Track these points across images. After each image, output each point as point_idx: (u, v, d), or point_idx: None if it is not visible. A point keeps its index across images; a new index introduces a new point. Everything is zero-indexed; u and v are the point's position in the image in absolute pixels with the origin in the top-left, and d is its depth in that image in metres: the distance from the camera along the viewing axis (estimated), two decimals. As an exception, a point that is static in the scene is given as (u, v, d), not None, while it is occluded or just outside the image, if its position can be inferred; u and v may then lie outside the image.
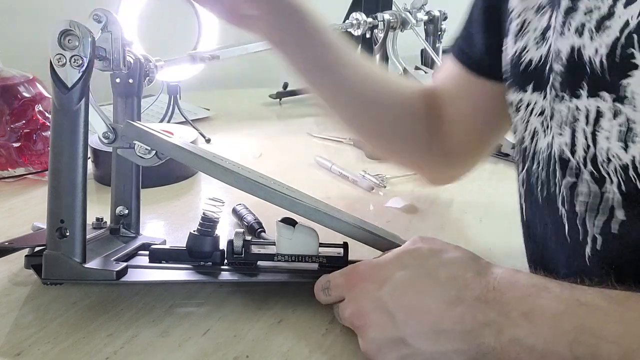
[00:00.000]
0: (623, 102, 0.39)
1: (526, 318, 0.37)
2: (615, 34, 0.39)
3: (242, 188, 0.51)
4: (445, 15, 1.11)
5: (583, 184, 0.44)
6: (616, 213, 0.41)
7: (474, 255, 0.45)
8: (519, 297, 0.39)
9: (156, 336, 0.48)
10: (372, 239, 0.53)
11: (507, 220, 0.73)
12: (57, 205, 0.48)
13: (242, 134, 1.09)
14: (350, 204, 0.77)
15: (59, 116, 0.47)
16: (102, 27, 0.49)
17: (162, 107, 1.09)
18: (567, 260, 0.47)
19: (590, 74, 0.41)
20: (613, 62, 0.39)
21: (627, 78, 0.38)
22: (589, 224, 0.44)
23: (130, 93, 0.58)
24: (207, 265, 0.53)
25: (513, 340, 0.37)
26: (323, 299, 0.49)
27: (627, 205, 0.41)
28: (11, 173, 0.81)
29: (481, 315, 0.39)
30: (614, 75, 0.39)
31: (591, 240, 0.44)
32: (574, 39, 0.42)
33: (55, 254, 0.48)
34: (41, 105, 0.82)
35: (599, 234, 0.43)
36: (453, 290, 0.41)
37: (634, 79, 0.38)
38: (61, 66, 0.46)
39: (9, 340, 0.47)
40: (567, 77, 0.44)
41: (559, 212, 0.46)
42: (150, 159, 0.52)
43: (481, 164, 0.91)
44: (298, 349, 0.47)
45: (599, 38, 0.40)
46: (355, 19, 1.01)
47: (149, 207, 0.74)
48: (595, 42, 0.40)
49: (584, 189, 0.44)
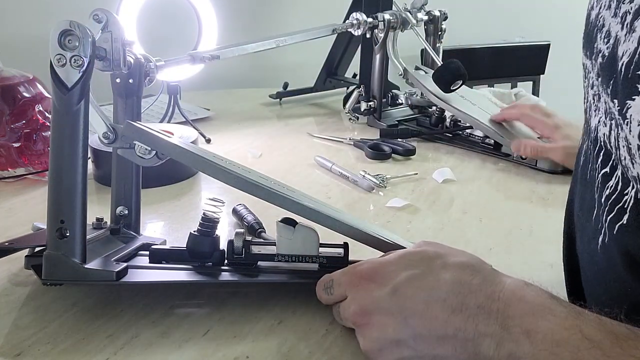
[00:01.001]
0: (624, 121, 0.37)
1: (528, 337, 0.37)
2: (635, 43, 0.35)
3: (242, 188, 0.51)
4: (445, 15, 1.11)
5: (613, 180, 0.42)
6: (623, 217, 0.41)
7: (481, 260, 0.45)
8: (523, 313, 0.38)
9: (156, 337, 0.48)
10: (372, 240, 0.53)
11: (507, 220, 0.73)
12: (57, 205, 0.48)
13: (242, 134, 1.09)
14: (350, 204, 0.77)
15: (59, 116, 0.47)
16: (102, 27, 0.49)
17: (162, 107, 1.09)
18: (589, 240, 0.46)
19: (618, 74, 0.37)
20: (627, 73, 0.36)
21: (631, 100, 0.35)
22: (603, 218, 0.43)
23: (130, 93, 0.57)
24: (208, 265, 0.53)
25: (511, 356, 0.37)
26: (325, 298, 0.49)
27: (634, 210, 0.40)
28: (11, 173, 0.81)
29: (483, 325, 0.39)
30: (626, 89, 0.36)
31: (603, 232, 0.43)
32: (618, 25, 0.38)
33: (55, 254, 0.48)
34: (41, 105, 0.82)
35: (607, 228, 0.43)
36: (458, 295, 0.41)
37: (635, 103, 0.35)
38: (61, 66, 0.46)
39: (8, 340, 0.47)
40: (606, 65, 0.39)
41: (594, 195, 0.45)
42: (150, 159, 0.52)
43: (481, 164, 0.92)
44: (298, 350, 0.47)
45: (630, 38, 0.36)
46: (355, 19, 1.01)
47: (149, 207, 0.74)
48: (627, 42, 0.36)
49: (612, 183, 0.42)
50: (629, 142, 0.37)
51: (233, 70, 1.55)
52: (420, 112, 1.13)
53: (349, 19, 1.02)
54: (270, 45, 0.86)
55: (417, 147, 0.96)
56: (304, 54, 1.46)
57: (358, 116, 1.14)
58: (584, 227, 0.48)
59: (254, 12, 1.66)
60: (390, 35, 1.05)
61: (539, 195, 0.80)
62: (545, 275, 0.54)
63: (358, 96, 1.13)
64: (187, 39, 1.08)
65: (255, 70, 1.64)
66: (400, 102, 1.16)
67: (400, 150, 0.95)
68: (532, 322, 0.37)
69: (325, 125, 1.15)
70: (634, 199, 0.40)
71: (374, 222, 0.70)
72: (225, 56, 0.78)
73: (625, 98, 0.36)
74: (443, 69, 0.95)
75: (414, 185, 0.83)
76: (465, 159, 0.95)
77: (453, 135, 1.02)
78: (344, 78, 1.33)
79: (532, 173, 0.88)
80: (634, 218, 0.39)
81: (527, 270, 0.44)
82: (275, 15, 1.69)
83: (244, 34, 1.42)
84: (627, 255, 0.40)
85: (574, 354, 0.35)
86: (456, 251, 0.47)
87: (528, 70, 1.87)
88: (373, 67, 1.09)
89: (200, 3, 1.04)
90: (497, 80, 1.83)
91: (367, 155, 0.95)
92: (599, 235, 0.44)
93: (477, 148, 0.97)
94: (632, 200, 0.40)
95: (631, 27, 0.36)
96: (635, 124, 0.35)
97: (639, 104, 0.35)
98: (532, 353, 0.36)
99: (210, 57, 0.75)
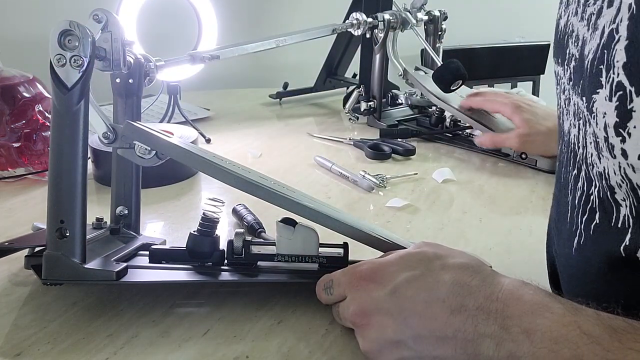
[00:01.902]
0: (591, 115, 0.38)
1: (527, 336, 0.37)
2: (597, 40, 0.36)
3: (242, 188, 0.51)
4: (445, 15, 1.11)
5: (581, 181, 0.43)
6: (595, 216, 0.41)
7: (480, 262, 0.45)
8: (522, 312, 0.38)
9: (156, 336, 0.48)
10: (372, 240, 0.52)
11: (507, 220, 0.73)
12: (57, 205, 0.48)
13: (242, 134, 1.09)
14: (350, 204, 0.77)
15: (59, 116, 0.47)
16: (102, 27, 0.49)
17: (162, 107, 1.09)
18: (564, 243, 0.47)
19: (585, 72, 0.38)
20: (591, 70, 0.37)
21: (595, 94, 0.37)
22: (578, 220, 0.44)
23: (130, 93, 0.57)
24: (207, 265, 0.53)
25: (511, 356, 0.37)
26: (325, 298, 0.49)
27: (602, 209, 0.41)
28: (11, 173, 0.81)
29: (482, 325, 0.39)
30: (591, 85, 0.37)
31: (578, 234, 0.44)
32: (584, 28, 0.39)
33: (55, 254, 0.48)
34: (41, 105, 0.82)
35: (583, 230, 0.43)
36: (457, 296, 0.41)
37: (599, 96, 0.36)
38: (61, 66, 0.46)
39: (8, 340, 0.47)
40: (577, 67, 0.41)
41: (568, 197, 0.46)
42: (150, 159, 0.52)
43: (481, 164, 0.92)
44: (298, 350, 0.47)
45: (594, 35, 0.37)
46: (355, 19, 1.01)
47: (149, 207, 0.74)
48: (592, 40, 0.38)
49: (580, 184, 0.44)
50: (597, 136, 0.37)
51: (233, 70, 1.55)
52: (420, 112, 1.13)
53: (349, 19, 1.02)
54: (270, 45, 0.86)
55: (417, 147, 0.96)
56: (304, 54, 1.46)
57: (358, 116, 1.14)
58: (560, 231, 0.48)
59: (254, 12, 1.66)
60: (390, 35, 1.05)
61: (539, 195, 0.80)
62: (545, 275, 0.54)
63: (358, 96, 1.13)
64: (187, 39, 1.08)
65: (255, 70, 1.64)
66: (400, 102, 1.16)
67: (400, 150, 0.95)
68: (530, 321, 0.37)
69: (325, 125, 1.15)
70: (598, 198, 0.41)
71: (374, 222, 0.70)
72: (225, 56, 0.78)
73: (591, 93, 0.37)
74: (443, 69, 0.95)
75: (413, 185, 0.83)
76: (465, 159, 0.95)
77: (453, 135, 1.02)
78: (344, 78, 1.33)
79: (532, 173, 0.88)
80: (604, 216, 0.40)
81: (527, 270, 0.44)
82: (275, 15, 1.69)
83: (244, 34, 1.42)
84: (605, 254, 0.40)
85: (574, 350, 0.35)
86: (456, 252, 0.47)
87: (528, 70, 1.87)
88: (373, 67, 1.09)
89: (200, 3, 1.04)
90: (497, 80, 1.83)
91: (367, 155, 0.95)
92: (574, 237, 0.44)
93: (477, 148, 0.97)
94: (597, 199, 0.41)
95: (595, 25, 0.37)
96: (601, 116, 0.36)
97: (602, 97, 0.36)
98: (531, 352, 0.36)
99: (210, 57, 0.75)
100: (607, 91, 0.35)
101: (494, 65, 1.81)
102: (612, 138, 0.36)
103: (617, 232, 0.39)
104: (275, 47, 0.87)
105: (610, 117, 0.35)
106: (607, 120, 0.36)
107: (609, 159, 0.37)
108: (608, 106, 0.35)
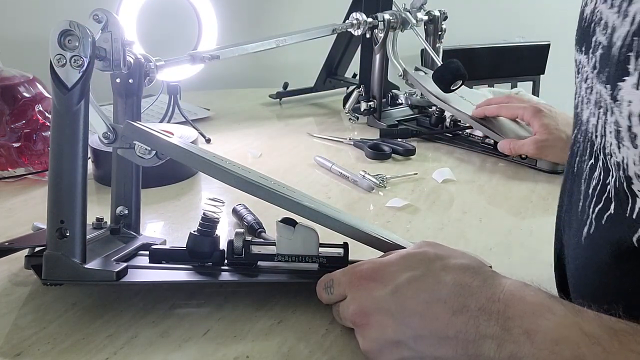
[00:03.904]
0: (615, 103, 0.38)
1: (528, 337, 0.37)
2: (627, 26, 0.36)
3: (242, 188, 0.51)
4: (445, 15, 1.11)
5: (597, 170, 0.43)
6: (610, 206, 0.41)
7: (480, 262, 0.45)
8: (523, 314, 0.38)
9: (156, 337, 0.48)
10: (372, 240, 0.52)
11: (507, 220, 0.73)
12: (57, 205, 0.48)
13: (242, 134, 1.09)
14: (350, 204, 0.77)
15: (59, 116, 0.47)
16: (102, 27, 0.49)
17: (162, 107, 1.09)
18: (574, 233, 0.47)
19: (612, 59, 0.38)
20: (619, 57, 0.37)
21: (622, 82, 0.37)
22: (590, 209, 0.43)
23: (130, 93, 0.57)
24: (207, 265, 0.53)
25: (512, 357, 0.37)
26: (325, 297, 0.49)
27: (617, 199, 0.41)
28: (11, 173, 0.81)
29: (483, 326, 0.39)
30: (618, 72, 0.37)
31: (588, 223, 0.44)
32: (614, 15, 0.39)
33: (55, 254, 0.48)
34: (41, 105, 0.82)
35: (594, 219, 0.43)
36: (459, 297, 0.41)
37: (626, 84, 0.36)
38: (61, 66, 0.46)
39: (8, 340, 0.47)
40: (604, 55, 0.40)
41: (582, 186, 0.46)
42: (150, 159, 0.52)
43: (481, 164, 0.92)
44: (298, 350, 0.47)
45: (624, 22, 0.37)
46: (355, 19, 1.01)
47: (149, 207, 0.74)
48: (621, 27, 0.37)
49: (597, 174, 0.43)
50: (619, 124, 0.37)
51: (233, 70, 1.55)
52: (420, 112, 1.13)
53: (348, 19, 1.02)
54: (270, 45, 0.86)
55: (417, 147, 0.96)
56: (304, 54, 1.46)
57: (358, 116, 1.14)
58: (570, 221, 0.48)
59: (254, 12, 1.66)
60: (390, 35, 1.05)
61: (539, 195, 0.80)
62: (546, 275, 0.54)
63: (358, 96, 1.13)
64: (187, 39, 1.08)
65: (255, 70, 1.64)
66: (400, 102, 1.16)
67: (400, 150, 0.95)
68: (532, 322, 0.37)
69: (325, 125, 1.15)
70: (614, 188, 0.40)
71: (374, 222, 0.70)
72: (225, 56, 0.78)
73: (617, 81, 0.37)
74: (443, 69, 0.95)
75: (413, 185, 0.83)
76: (465, 159, 0.95)
77: (453, 135, 1.02)
78: (344, 78, 1.33)
79: (532, 173, 0.88)
80: (619, 206, 0.40)
81: (527, 270, 0.44)
82: (275, 15, 1.69)
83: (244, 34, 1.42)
84: (617, 244, 0.40)
85: (575, 351, 0.35)
86: (456, 253, 0.47)
87: (528, 70, 1.87)
88: (373, 67, 1.09)
89: (200, 3, 1.04)
90: (497, 80, 1.83)
91: (367, 155, 0.95)
92: (583, 226, 0.44)
93: (477, 148, 0.97)
94: (613, 189, 0.40)
95: (625, 12, 0.37)
96: (626, 104, 0.36)
97: (628, 85, 0.36)
98: (532, 353, 0.36)
99: (210, 57, 0.75)
100: (635, 78, 0.35)
101: (494, 65, 1.81)
102: (635, 127, 0.36)
103: (631, 223, 0.39)
104: (275, 47, 0.87)
105: (635, 105, 0.35)
106: (631, 109, 0.36)
107: (629, 148, 0.37)
108: (635, 94, 0.35)
